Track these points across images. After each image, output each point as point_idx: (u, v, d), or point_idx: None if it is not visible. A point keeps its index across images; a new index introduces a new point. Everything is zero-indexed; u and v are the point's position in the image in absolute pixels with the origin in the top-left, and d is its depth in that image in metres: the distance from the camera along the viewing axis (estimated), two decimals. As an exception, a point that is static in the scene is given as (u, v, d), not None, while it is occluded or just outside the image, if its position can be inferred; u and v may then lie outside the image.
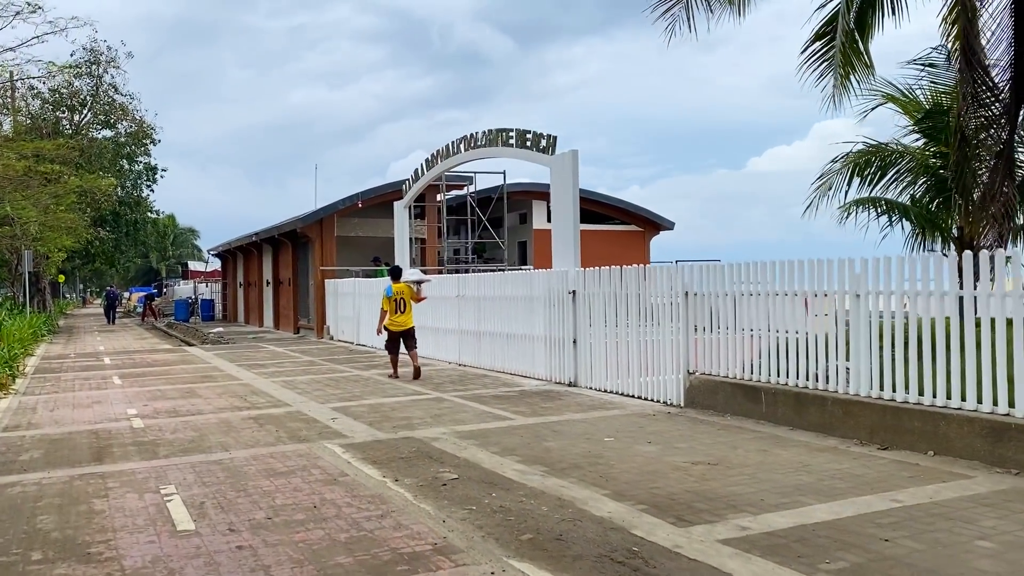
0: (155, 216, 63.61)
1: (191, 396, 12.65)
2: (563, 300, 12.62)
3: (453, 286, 16.31)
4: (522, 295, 13.74)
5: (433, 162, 17.68)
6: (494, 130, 14.81)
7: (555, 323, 12.80)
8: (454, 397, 11.78)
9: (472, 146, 15.69)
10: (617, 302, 11.62)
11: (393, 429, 9.33)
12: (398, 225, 19.97)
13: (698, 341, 10.38)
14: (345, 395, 12.31)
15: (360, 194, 25.21)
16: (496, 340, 14.62)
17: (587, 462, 7.43)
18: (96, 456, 8.33)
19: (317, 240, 25.37)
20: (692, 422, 9.32)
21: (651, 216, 29.73)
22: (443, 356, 16.73)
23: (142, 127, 43.17)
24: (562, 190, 12.97)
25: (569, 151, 12.81)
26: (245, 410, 11.11)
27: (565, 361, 12.59)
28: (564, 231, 13.04)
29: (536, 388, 12.54)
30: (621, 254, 27.26)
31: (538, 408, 10.62)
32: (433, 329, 17.16)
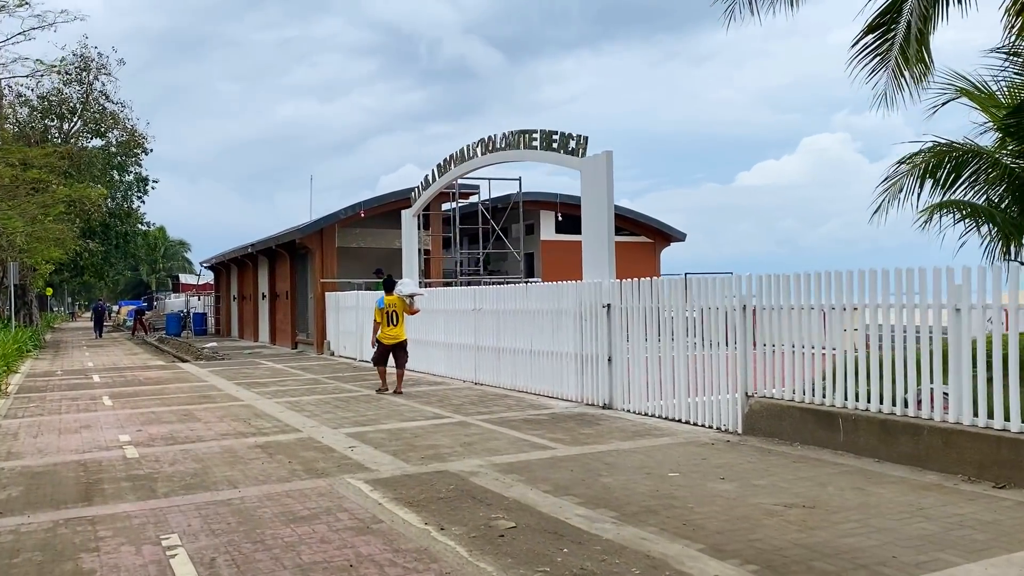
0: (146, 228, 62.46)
1: (189, 420, 11.53)
2: (597, 314, 11.58)
3: (468, 299, 15.26)
4: (548, 308, 12.70)
5: (445, 168, 16.65)
6: (515, 132, 13.80)
7: (587, 339, 11.75)
8: (480, 421, 10.70)
9: (490, 149, 14.67)
10: (660, 316, 10.59)
11: (422, 461, 8.25)
12: (406, 235, 18.92)
13: (756, 359, 9.35)
14: (359, 419, 11.22)
15: (363, 203, 24.17)
16: (518, 357, 13.56)
17: (660, 504, 6.37)
18: (84, 494, 7.23)
19: (317, 251, 24.29)
20: (760, 453, 8.27)
21: (661, 227, 28.77)
22: (458, 374, 15.65)
23: (133, 136, 42.03)
24: (595, 195, 11.95)
25: (603, 152, 11.80)
26: (251, 436, 10.01)
27: (599, 381, 11.54)
28: (597, 240, 12.02)
29: (568, 411, 11.48)
30: (630, 266, 26.28)
31: (578, 435, 9.56)
32: (446, 345, 16.09)
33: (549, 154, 12.85)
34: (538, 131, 13.18)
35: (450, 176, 16.55)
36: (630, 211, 28.40)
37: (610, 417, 10.81)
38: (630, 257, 28.11)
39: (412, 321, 17.67)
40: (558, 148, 12.64)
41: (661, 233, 29.03)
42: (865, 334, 8.20)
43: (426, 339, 17.01)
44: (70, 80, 38.77)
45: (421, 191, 17.83)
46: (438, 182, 17.04)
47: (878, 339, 8.06)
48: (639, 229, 28.88)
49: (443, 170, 16.78)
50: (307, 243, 24.37)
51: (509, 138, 13.98)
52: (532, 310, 13.16)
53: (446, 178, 16.68)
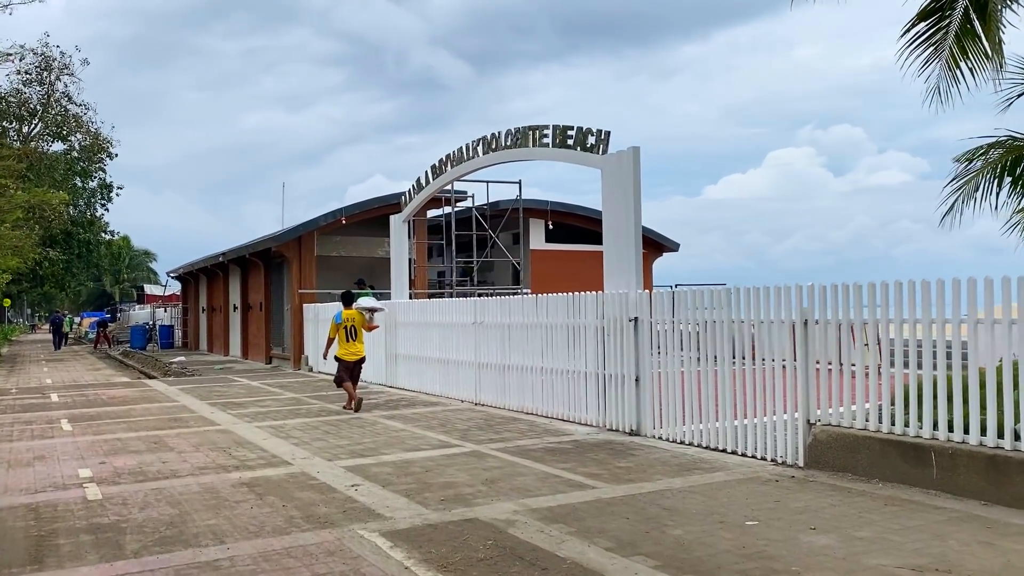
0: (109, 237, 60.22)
1: (160, 449, 10.13)
2: (622, 329, 10.38)
3: (468, 311, 13.98)
4: (564, 323, 11.47)
5: (441, 169, 15.36)
6: (524, 128, 12.56)
7: (611, 357, 10.54)
8: (496, 451, 9.43)
9: (493, 148, 13.42)
10: (700, 331, 9.40)
11: (443, 504, 6.97)
12: (395, 242, 17.59)
13: (818, 380, 8.19)
14: (355, 447, 9.89)
15: (344, 209, 22.80)
16: (527, 376, 12.31)
17: (757, 568, 5.15)
18: (34, 554, 5.85)
19: (295, 260, 22.85)
20: (839, 493, 7.08)
21: (654, 236, 27.68)
22: (456, 393, 14.35)
23: (97, 140, 40.24)
24: (619, 197, 10.76)
25: (629, 148, 10.62)
26: (234, 471, 8.65)
27: (625, 404, 10.32)
28: (621, 247, 10.82)
29: (591, 438, 10.24)
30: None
31: (614, 469, 8.32)
32: (441, 361, 14.79)
33: (563, 152, 11.64)
34: (550, 127, 11.96)
35: (446, 178, 15.27)
36: (622, 220, 27.35)
37: (642, 446, 9.58)
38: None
39: (403, 336, 16.37)
40: (574, 145, 11.43)
41: (653, 243, 27.96)
42: (975, 353, 7.06)
43: (418, 355, 15.70)
44: (30, 80, 36.98)
45: (413, 194, 16.52)
46: (432, 184, 15.75)
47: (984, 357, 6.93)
48: (630, 238, 27.80)
49: (438, 172, 15.49)
50: (284, 251, 22.92)
51: (516, 135, 12.74)
52: (545, 324, 11.92)
53: (442, 180, 15.39)
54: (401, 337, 16.44)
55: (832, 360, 8.05)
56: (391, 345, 16.88)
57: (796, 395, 8.23)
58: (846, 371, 7.96)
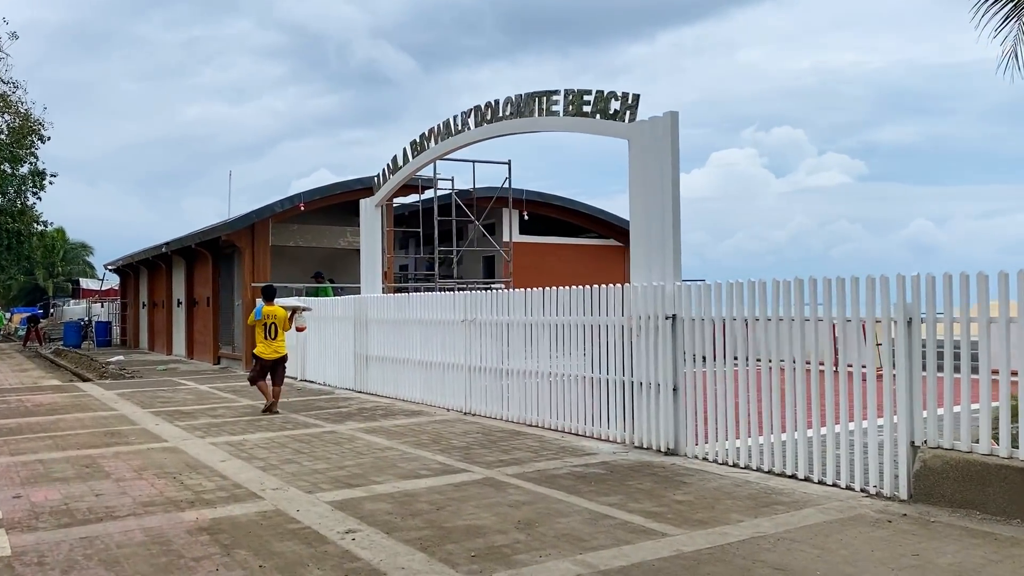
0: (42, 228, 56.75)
1: (94, 475, 8.18)
2: (657, 328, 8.74)
3: (457, 307, 12.22)
4: (578, 321, 9.81)
5: (422, 145, 13.51)
6: (527, 95, 10.81)
7: (641, 361, 8.90)
8: (513, 478, 7.71)
9: (488, 119, 11.64)
10: (758, 331, 7.82)
11: (475, 563, 5.24)
12: (366, 229, 15.68)
13: (925, 391, 6.67)
14: (338, 472, 8.08)
15: (303, 195, 20.79)
16: (532, 383, 10.62)
17: None
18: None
19: (247, 250, 20.76)
20: (987, 542, 5.53)
21: (632, 228, 26.15)
22: (441, 400, 12.58)
23: (27, 122, 37.29)
24: (652, 172, 9.09)
25: (665, 114, 8.94)
26: (188, 508, 6.79)
27: (659, 417, 8.70)
28: (655, 231, 9.15)
29: (620, 458, 8.58)
30: (597, 272, 23.62)
31: (673, 504, 6.67)
32: (423, 364, 13.01)
33: (578, 121, 9.92)
34: (560, 92, 10.23)
35: (428, 156, 13.43)
36: (599, 211, 25.77)
37: (690, 470, 7.96)
38: (597, 261, 25.53)
39: (376, 335, 14.56)
40: (592, 112, 9.73)
41: (631, 235, 26.44)
42: None
43: (395, 356, 13.88)
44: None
45: (388, 174, 14.63)
46: (412, 163, 13.88)
47: None
48: (608, 231, 26.27)
49: (419, 148, 13.64)
50: (235, 241, 20.82)
51: (519, 103, 10.98)
52: (553, 323, 10.24)
53: (423, 158, 13.55)
54: (374, 336, 14.61)
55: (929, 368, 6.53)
56: (361, 345, 15.03)
57: (895, 409, 6.69)
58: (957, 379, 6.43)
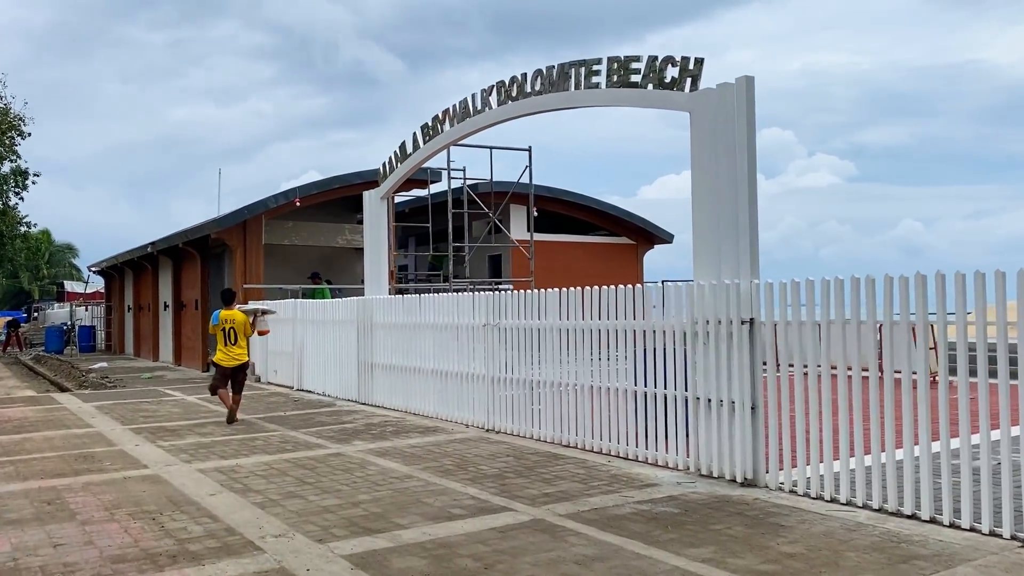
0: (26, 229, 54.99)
1: (56, 515, 6.74)
2: (730, 335, 7.36)
3: (477, 310, 10.81)
4: (629, 327, 8.41)
5: (435, 129, 12.06)
6: (562, 65, 9.40)
7: (710, 374, 7.51)
8: (569, 520, 6.31)
9: (514, 96, 10.19)
10: (852, 335, 6.44)
11: (561, 661, 3.82)
12: (370, 224, 14.22)
13: None
14: (352, 513, 6.67)
15: (298, 189, 19.34)
16: (570, 397, 9.22)
17: None
18: None
19: (239, 249, 19.30)
20: None
21: (645, 225, 24.81)
22: (459, 415, 11.18)
23: (6, 116, 35.69)
24: (722, 149, 7.66)
25: (740, 79, 7.51)
26: (168, 567, 5.37)
27: (733, 441, 7.31)
28: (725, 219, 7.68)
29: (689, 491, 7.19)
30: (610, 271, 22.29)
31: (784, 560, 5.29)
32: (439, 374, 11.60)
33: (626, 93, 8.51)
34: (603, 60, 8.79)
35: (441, 141, 11.99)
36: (610, 206, 24.39)
37: (779, 507, 6.56)
38: (608, 260, 24.17)
39: (382, 341, 13.15)
40: (643, 82, 8.31)
41: (644, 233, 25.11)
42: None
43: (404, 365, 12.47)
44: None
45: (396, 163, 13.18)
46: (423, 149, 12.43)
47: None
48: (619, 228, 24.91)
49: (430, 133, 12.20)
50: (226, 239, 19.35)
51: (550, 76, 9.54)
52: (596, 328, 8.84)
53: (436, 143, 12.11)
54: (380, 342, 13.19)
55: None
56: (366, 352, 13.60)
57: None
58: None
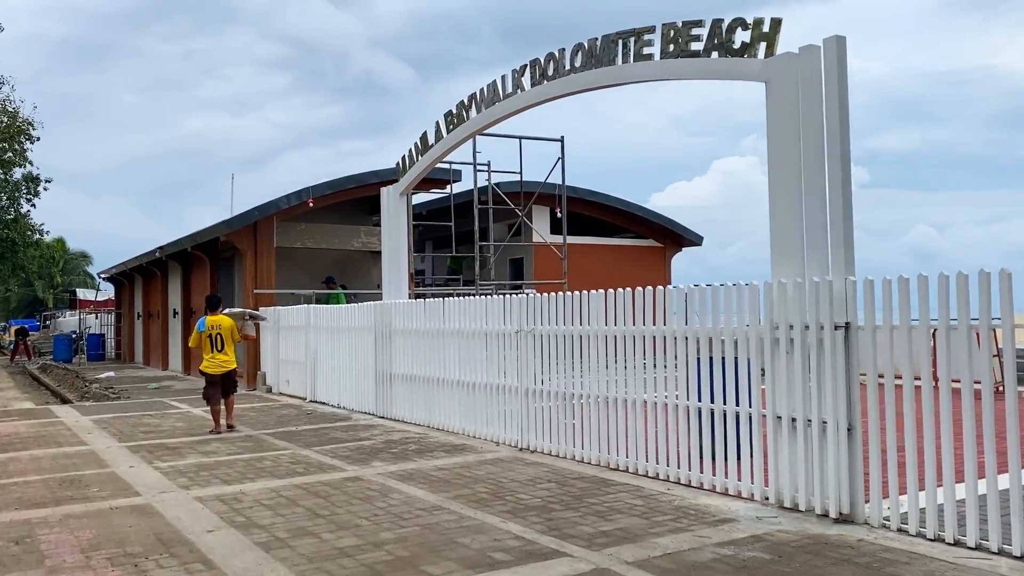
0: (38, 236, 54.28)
1: (20, 563, 5.67)
2: (820, 342, 6.20)
3: (511, 315, 9.71)
4: (690, 333, 7.27)
5: (459, 116, 10.94)
6: (608, 37, 8.25)
7: (796, 389, 6.36)
8: (640, 570, 5.17)
9: (550, 75, 9.08)
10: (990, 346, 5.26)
11: None
12: (388, 223, 13.12)
13: None
14: (376, 557, 5.56)
15: (311, 189, 18.31)
16: (618, 413, 8.09)
17: None
18: None
19: (249, 252, 18.27)
20: None
21: (673, 227, 23.62)
22: (488, 431, 10.07)
23: (15, 121, 34.91)
24: (810, 124, 6.51)
25: (829, 39, 6.37)
26: (145, 637, 4.26)
27: (824, 468, 6.15)
28: (814, 207, 6.53)
29: (773, 528, 6.03)
30: (636, 274, 21.12)
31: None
32: (465, 385, 10.50)
33: (686, 63, 7.38)
34: (657, 28, 7.68)
35: (466, 129, 10.88)
36: (636, 207, 23.23)
37: (892, 551, 5.40)
38: (634, 263, 22.97)
39: (401, 349, 12.08)
40: (707, 50, 7.19)
41: (672, 235, 23.92)
42: None
43: (427, 375, 11.37)
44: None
45: (416, 155, 12.07)
46: (446, 139, 11.31)
47: None
48: (645, 230, 23.74)
49: (454, 121, 11.08)
50: (235, 242, 18.33)
51: (593, 49, 8.39)
52: (650, 335, 7.70)
53: (460, 132, 11.00)
54: (399, 350, 12.10)
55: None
56: (384, 361, 12.51)
57: None
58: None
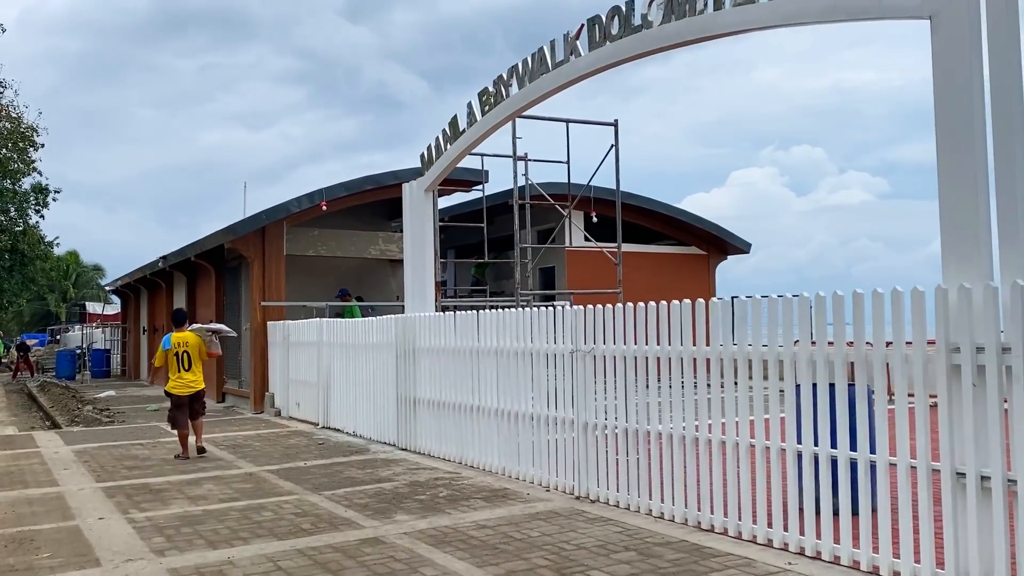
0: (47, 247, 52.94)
1: None
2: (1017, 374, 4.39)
3: (563, 330, 7.94)
4: (819, 355, 5.48)
5: (497, 94, 9.13)
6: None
7: (993, 437, 4.54)
8: None
9: (617, 31, 7.30)
10: None
11: None
12: (413, 223, 11.34)
13: None
14: None
15: (324, 191, 16.63)
16: (705, 457, 6.29)
17: None
18: None
19: (256, 261, 16.59)
20: None
21: (719, 233, 21.78)
22: (536, 474, 8.29)
23: (18, 128, 33.54)
24: (999, 69, 4.74)
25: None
26: None
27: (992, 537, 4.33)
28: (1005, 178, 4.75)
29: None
30: (676, 284, 19.30)
31: None
32: (504, 415, 8.74)
33: (809, 4, 5.64)
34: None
35: (506, 109, 9.08)
36: (679, 211, 21.40)
37: None
38: (674, 272, 21.11)
39: (428, 370, 10.33)
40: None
41: (717, 241, 22.08)
42: None
43: (458, 401, 9.62)
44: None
45: (445, 144, 10.30)
46: (480, 122, 9.51)
47: None
48: (687, 236, 21.91)
49: (492, 100, 9.27)
50: (241, 249, 16.66)
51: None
52: (757, 359, 5.91)
53: (499, 113, 9.19)
54: (426, 372, 10.36)
55: None
56: (408, 384, 10.77)
57: None
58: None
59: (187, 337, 10.96)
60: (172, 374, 10.88)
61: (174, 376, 10.85)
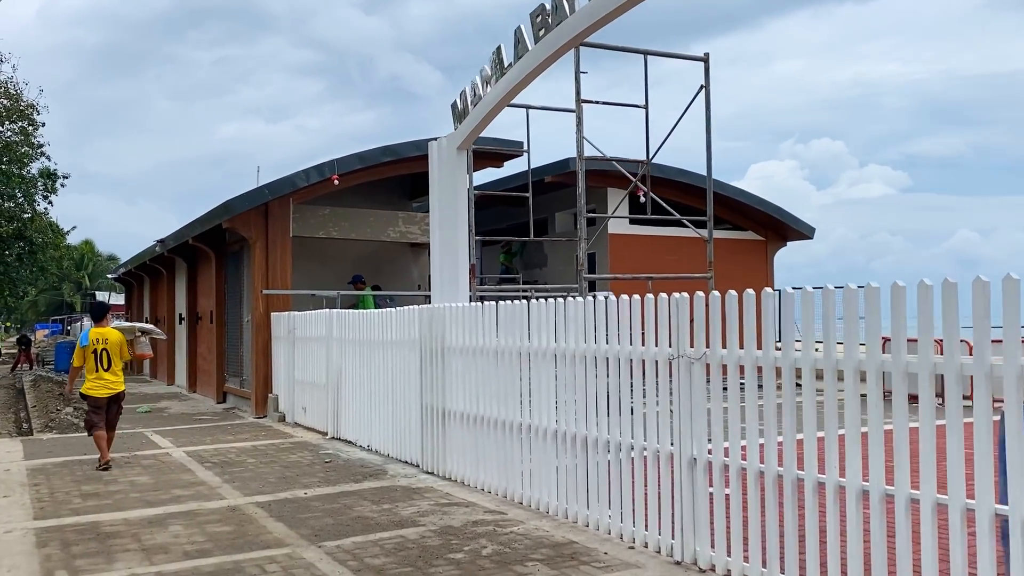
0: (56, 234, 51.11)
1: None
2: None
3: (657, 328, 5.66)
4: None
5: (558, 10, 6.88)
6: None
7: None
8: None
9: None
10: None
11: None
12: (441, 191, 9.09)
13: None
14: None
15: (335, 163, 14.39)
16: (877, 516, 4.00)
17: None
18: None
19: (258, 243, 14.39)
20: None
21: (781, 216, 19.34)
22: (616, 524, 6.04)
23: (17, 103, 31.56)
24: None
25: None
26: None
27: None
28: None
29: None
30: (733, 273, 17.00)
31: None
32: (565, 439, 6.50)
33: None
34: None
35: (570, 29, 6.71)
36: (733, 189, 18.96)
37: None
38: (729, 261, 18.67)
39: (460, 375, 8.07)
40: None
41: (777, 225, 19.67)
42: None
43: (503, 417, 7.39)
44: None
45: (484, 86, 8.00)
46: (534, 51, 7.04)
47: None
48: (742, 219, 19.52)
49: (550, 19, 7.00)
50: (241, 230, 14.46)
51: None
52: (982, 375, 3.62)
53: (559, 36, 6.80)
54: (456, 376, 8.13)
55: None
56: (435, 392, 8.54)
57: None
58: None
59: (107, 333, 10.01)
60: (90, 374, 9.97)
61: (92, 376, 9.93)
